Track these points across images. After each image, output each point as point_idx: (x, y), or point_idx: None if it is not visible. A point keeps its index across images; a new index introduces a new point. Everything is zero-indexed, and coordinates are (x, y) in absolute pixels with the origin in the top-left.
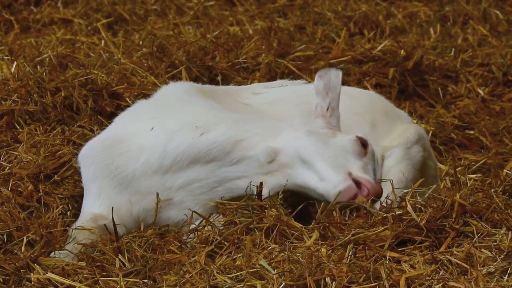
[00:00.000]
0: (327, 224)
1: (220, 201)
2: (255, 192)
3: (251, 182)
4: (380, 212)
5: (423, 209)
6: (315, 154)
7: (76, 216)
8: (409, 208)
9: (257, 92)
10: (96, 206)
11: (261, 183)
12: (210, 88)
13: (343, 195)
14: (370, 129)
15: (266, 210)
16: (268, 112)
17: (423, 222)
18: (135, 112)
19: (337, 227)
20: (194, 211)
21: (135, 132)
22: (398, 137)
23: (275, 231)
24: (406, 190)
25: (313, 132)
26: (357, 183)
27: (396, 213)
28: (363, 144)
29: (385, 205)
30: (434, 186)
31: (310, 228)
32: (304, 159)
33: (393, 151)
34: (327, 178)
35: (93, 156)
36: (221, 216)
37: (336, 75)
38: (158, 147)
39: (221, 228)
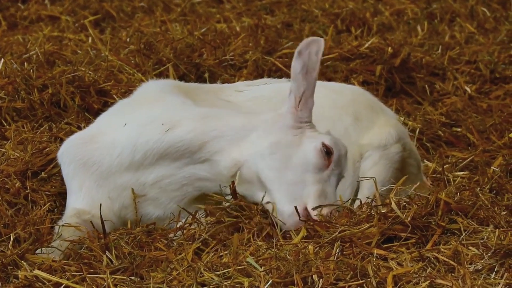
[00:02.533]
0: (312, 224)
1: (209, 193)
2: (228, 192)
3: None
4: (364, 210)
5: (407, 206)
6: (273, 180)
7: (63, 213)
8: (393, 205)
9: (240, 90)
10: (78, 202)
11: (233, 182)
12: (192, 86)
13: (290, 227)
14: (353, 123)
15: (253, 211)
16: (250, 109)
17: (408, 219)
18: (113, 110)
19: (322, 226)
20: (183, 208)
21: (109, 128)
22: (378, 134)
23: (264, 234)
24: (385, 188)
25: (276, 146)
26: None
27: (381, 210)
28: (328, 152)
29: (368, 202)
30: (418, 183)
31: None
32: (263, 183)
33: (370, 153)
34: (281, 210)
35: (70, 154)
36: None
37: (317, 49)
38: (129, 143)
39: (207, 225)
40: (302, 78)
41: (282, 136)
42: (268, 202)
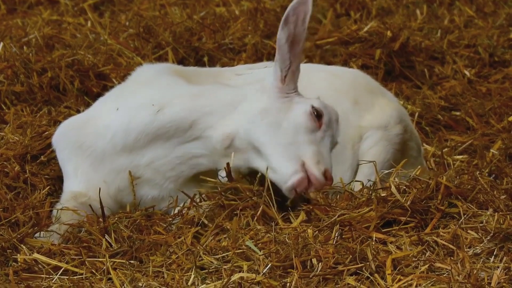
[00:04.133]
0: (311, 207)
1: (206, 178)
2: (223, 174)
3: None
4: (364, 193)
5: (407, 190)
6: (267, 144)
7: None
8: (393, 189)
9: (240, 73)
10: (75, 185)
11: (228, 164)
12: (189, 69)
13: (295, 189)
14: (352, 106)
15: (247, 193)
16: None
17: (408, 203)
18: (108, 95)
19: (321, 209)
20: (183, 191)
21: (103, 112)
22: (379, 115)
23: (258, 213)
24: (387, 172)
25: (266, 112)
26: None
27: (381, 194)
28: (318, 115)
29: (368, 186)
30: (419, 167)
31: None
32: (257, 148)
33: (371, 133)
34: (279, 171)
35: (65, 139)
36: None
37: (304, 15)
38: (121, 126)
39: (206, 209)
40: (287, 50)
41: (271, 104)
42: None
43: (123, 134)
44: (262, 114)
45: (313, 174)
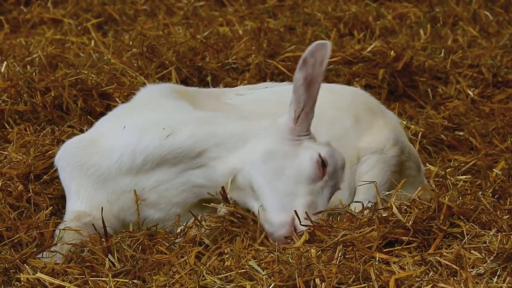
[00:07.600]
0: (312, 229)
1: (208, 205)
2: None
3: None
4: (365, 214)
5: (408, 210)
6: (264, 189)
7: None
8: (394, 209)
9: (241, 94)
10: (77, 205)
11: (223, 188)
12: (191, 90)
13: (278, 239)
14: (352, 124)
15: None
16: (251, 111)
17: (410, 223)
18: (112, 115)
19: (323, 230)
20: (190, 211)
21: (108, 132)
22: (376, 137)
23: (260, 239)
24: (387, 193)
25: (271, 156)
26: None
27: (382, 214)
28: (324, 163)
29: (369, 206)
30: (421, 188)
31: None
32: (255, 191)
33: (368, 157)
34: (269, 218)
35: (68, 157)
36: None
37: (322, 57)
38: (128, 147)
39: (208, 229)
40: (303, 91)
41: (278, 146)
42: (259, 210)
43: (130, 155)
44: (267, 157)
45: (298, 228)
